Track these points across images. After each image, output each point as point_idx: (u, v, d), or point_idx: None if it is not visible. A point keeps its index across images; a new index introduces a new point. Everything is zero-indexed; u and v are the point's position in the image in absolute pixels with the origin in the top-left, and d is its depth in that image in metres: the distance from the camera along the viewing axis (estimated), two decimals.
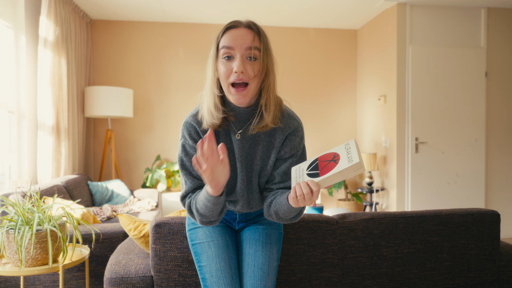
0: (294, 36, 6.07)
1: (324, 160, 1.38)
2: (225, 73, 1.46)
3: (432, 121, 5.02)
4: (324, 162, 1.37)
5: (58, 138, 4.38)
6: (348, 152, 1.34)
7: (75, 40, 4.88)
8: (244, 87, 1.47)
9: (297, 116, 1.65)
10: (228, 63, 1.46)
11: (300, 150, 1.63)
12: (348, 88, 6.21)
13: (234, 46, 1.45)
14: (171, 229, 1.82)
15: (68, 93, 4.55)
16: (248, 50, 1.45)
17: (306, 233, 1.90)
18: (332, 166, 1.33)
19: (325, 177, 1.31)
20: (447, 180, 5.07)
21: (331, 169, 1.32)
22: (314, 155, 6.11)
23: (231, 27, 1.48)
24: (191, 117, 1.58)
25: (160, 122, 5.80)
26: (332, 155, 1.38)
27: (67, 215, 2.12)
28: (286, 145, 1.60)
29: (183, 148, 1.61)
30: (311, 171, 1.38)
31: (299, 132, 1.61)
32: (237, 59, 1.45)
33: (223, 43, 1.47)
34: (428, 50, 5.01)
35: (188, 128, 1.58)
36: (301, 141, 1.63)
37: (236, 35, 1.46)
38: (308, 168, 1.40)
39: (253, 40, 1.46)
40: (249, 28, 1.48)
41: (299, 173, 1.42)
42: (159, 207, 4.68)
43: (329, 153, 1.40)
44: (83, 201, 4.14)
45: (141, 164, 5.79)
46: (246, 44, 1.45)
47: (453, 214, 2.04)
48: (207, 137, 1.30)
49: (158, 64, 5.79)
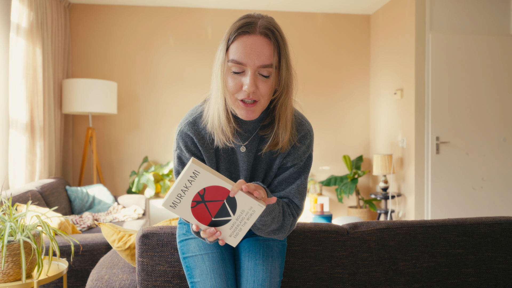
0: (299, 22, 6.07)
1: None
2: (233, 88, 1.44)
3: (455, 118, 5.03)
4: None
5: (32, 137, 4.39)
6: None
7: (52, 27, 4.88)
8: (253, 103, 1.45)
9: (306, 120, 1.65)
10: (237, 78, 1.43)
11: (303, 160, 1.64)
12: (360, 82, 6.22)
13: (246, 63, 1.40)
14: (160, 240, 1.82)
15: (44, 87, 4.55)
16: (261, 68, 1.41)
17: (313, 244, 1.90)
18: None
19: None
20: (472, 185, 5.07)
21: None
22: (320, 160, 6.12)
23: (243, 32, 1.41)
24: (187, 126, 1.57)
25: (148, 119, 5.81)
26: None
27: (42, 224, 2.12)
28: (291, 153, 1.61)
29: (179, 161, 1.60)
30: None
31: (307, 140, 1.62)
32: (248, 75, 1.41)
33: (233, 55, 1.41)
34: (451, 38, 5.01)
35: (184, 138, 1.57)
36: (308, 149, 1.63)
37: (249, 47, 1.40)
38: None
39: (270, 55, 1.42)
40: (266, 37, 1.42)
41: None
42: (146, 216, 4.68)
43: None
44: (61, 208, 4.14)
45: (126, 166, 5.80)
46: (261, 61, 1.40)
47: (478, 224, 2.04)
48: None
49: (146, 54, 5.79)
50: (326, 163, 6.17)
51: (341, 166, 6.20)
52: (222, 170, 1.62)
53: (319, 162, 6.15)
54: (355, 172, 5.80)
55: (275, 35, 1.43)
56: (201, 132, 1.56)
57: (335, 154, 6.19)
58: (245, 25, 1.41)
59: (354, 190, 5.72)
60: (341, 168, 6.20)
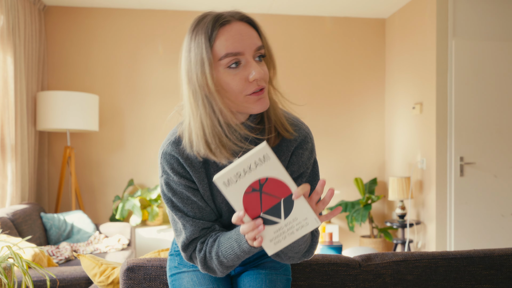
0: (304, 27, 6.13)
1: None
2: (238, 86, 1.44)
3: (481, 136, 5.05)
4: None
5: (2, 157, 4.40)
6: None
7: (25, 32, 4.93)
8: (262, 90, 1.47)
9: (302, 122, 1.65)
10: (237, 73, 1.44)
11: (310, 167, 1.64)
12: (374, 94, 6.25)
13: (243, 50, 1.43)
14: (148, 274, 1.83)
15: (16, 100, 4.58)
16: (257, 51, 1.46)
17: (321, 279, 1.91)
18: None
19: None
20: (500, 211, 5.07)
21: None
22: (328, 183, 6.12)
23: (223, 23, 1.45)
24: (170, 146, 1.57)
25: (133, 137, 5.83)
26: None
27: (14, 256, 2.12)
28: (293, 162, 1.61)
29: (168, 187, 1.59)
30: None
31: (308, 144, 1.62)
32: (251, 63, 1.44)
33: (226, 48, 1.43)
34: (477, 44, 5.05)
35: (169, 160, 1.56)
36: (311, 154, 1.64)
37: (239, 33, 1.44)
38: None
39: (257, 36, 1.48)
40: (244, 21, 1.48)
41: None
42: (132, 246, 4.68)
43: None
44: (35, 238, 4.14)
45: (109, 191, 5.80)
46: (255, 43, 1.45)
47: (508, 255, 2.05)
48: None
49: (132, 63, 5.83)
50: (336, 186, 6.17)
51: (352, 190, 6.21)
52: (217, 191, 1.62)
53: (327, 185, 6.14)
54: (368, 197, 5.80)
55: (248, 18, 1.49)
56: (185, 152, 1.55)
57: (346, 177, 6.20)
58: (218, 18, 1.45)
59: (367, 218, 5.72)
60: (352, 193, 6.20)
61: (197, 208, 1.58)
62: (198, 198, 1.58)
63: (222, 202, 1.62)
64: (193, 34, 1.47)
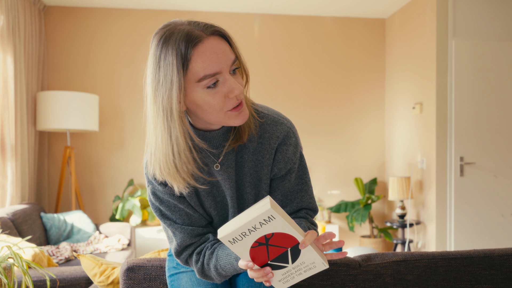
0: (304, 27, 6.13)
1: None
2: (219, 104, 1.41)
3: (481, 136, 5.05)
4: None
5: (2, 158, 4.40)
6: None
7: (25, 32, 4.93)
8: (241, 103, 1.45)
9: (283, 117, 1.63)
10: (218, 91, 1.40)
11: (297, 161, 1.63)
12: (374, 95, 6.25)
13: (220, 69, 1.39)
14: (148, 274, 1.83)
15: (16, 100, 4.58)
16: (232, 65, 1.42)
17: (320, 279, 1.91)
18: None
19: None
20: (500, 211, 5.07)
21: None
22: (328, 183, 6.12)
23: (196, 43, 1.37)
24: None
25: (133, 137, 5.83)
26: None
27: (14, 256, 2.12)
28: (279, 159, 1.60)
29: (155, 197, 1.60)
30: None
31: (291, 139, 1.60)
32: (228, 80, 1.40)
33: (203, 70, 1.37)
34: (477, 44, 5.05)
35: (151, 171, 1.56)
36: (296, 149, 1.62)
37: (214, 52, 1.38)
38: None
39: (230, 49, 1.43)
40: (215, 35, 1.41)
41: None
42: (132, 246, 4.68)
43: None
44: (35, 238, 4.14)
45: (109, 191, 5.80)
46: (229, 59, 1.41)
47: (508, 255, 2.05)
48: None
49: (132, 63, 5.83)
50: (336, 187, 6.17)
51: (352, 190, 6.21)
52: (204, 196, 1.61)
53: (327, 185, 6.15)
54: (368, 197, 5.80)
55: (218, 29, 1.42)
56: None
57: (346, 177, 6.20)
58: (190, 37, 1.38)
59: (367, 218, 5.72)
60: (352, 193, 6.20)
61: (185, 215, 1.58)
62: (185, 205, 1.58)
63: (211, 206, 1.62)
64: (162, 51, 1.40)
